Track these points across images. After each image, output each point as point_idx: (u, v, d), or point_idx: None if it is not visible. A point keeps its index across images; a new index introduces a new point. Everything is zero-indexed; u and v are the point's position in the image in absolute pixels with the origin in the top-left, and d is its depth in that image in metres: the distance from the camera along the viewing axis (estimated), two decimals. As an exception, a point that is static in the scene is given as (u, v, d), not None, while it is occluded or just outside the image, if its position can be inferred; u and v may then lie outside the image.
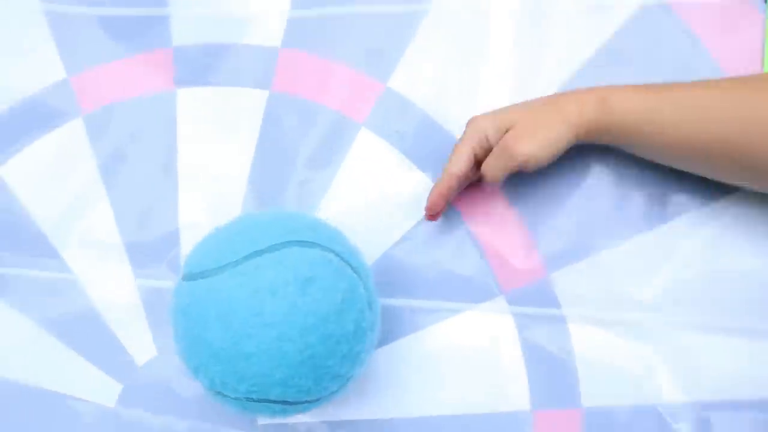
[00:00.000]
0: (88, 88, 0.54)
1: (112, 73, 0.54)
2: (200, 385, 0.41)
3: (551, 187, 0.49)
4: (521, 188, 0.49)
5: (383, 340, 0.49)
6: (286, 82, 0.52)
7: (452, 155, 0.45)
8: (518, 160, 0.43)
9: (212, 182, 0.52)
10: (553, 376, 0.47)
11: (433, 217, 0.47)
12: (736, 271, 0.46)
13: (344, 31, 0.52)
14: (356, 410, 0.49)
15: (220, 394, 0.41)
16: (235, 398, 0.40)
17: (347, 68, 0.52)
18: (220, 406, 0.41)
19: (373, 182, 0.51)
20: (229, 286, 0.39)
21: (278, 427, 0.50)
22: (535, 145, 0.43)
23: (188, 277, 0.42)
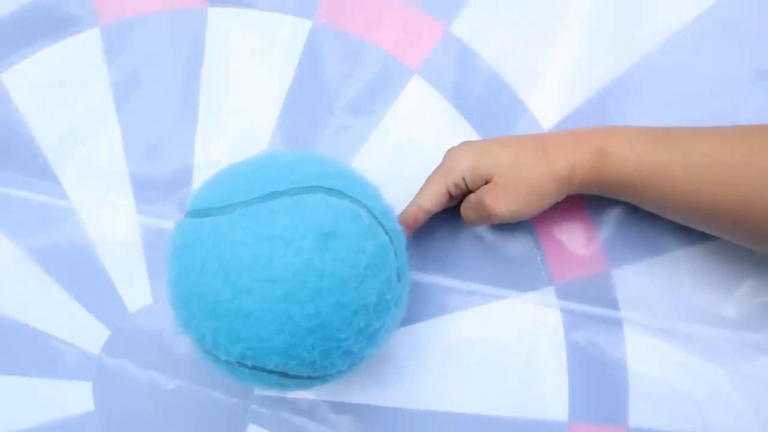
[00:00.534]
0: (111, -6, 0.48)
1: (139, -19, 0.48)
2: (189, 341, 0.35)
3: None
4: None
5: (406, 319, 0.42)
6: (333, 12, 0.45)
7: (424, 187, 0.40)
8: (496, 219, 0.39)
9: (236, 118, 0.46)
10: (599, 385, 0.41)
11: None
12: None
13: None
14: (364, 394, 0.43)
15: (210, 354, 0.35)
16: (226, 361, 0.34)
17: (405, 5, 0.45)
18: (210, 368, 0.36)
19: (419, 138, 0.44)
20: (235, 228, 0.33)
21: (275, 399, 0.44)
22: (516, 204, 0.38)
23: (192, 213, 0.36)
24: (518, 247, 0.42)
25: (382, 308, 0.35)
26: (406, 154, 0.44)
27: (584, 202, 0.42)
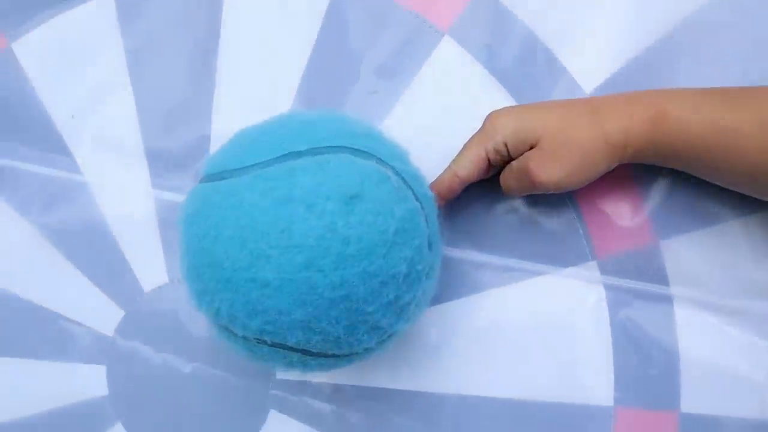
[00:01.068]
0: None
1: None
2: (204, 317, 0.33)
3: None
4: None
5: (437, 297, 0.39)
6: (358, -29, 0.43)
7: (461, 154, 0.37)
8: (541, 188, 0.36)
9: (256, 85, 0.43)
10: (647, 368, 0.37)
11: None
12: None
13: None
14: (392, 377, 0.40)
15: (226, 330, 0.33)
16: (243, 337, 0.32)
17: (433, -39, 0.42)
18: (227, 348, 0.33)
19: (450, 103, 0.41)
20: (251, 191, 0.30)
21: (298, 384, 0.41)
22: (562, 172, 0.35)
23: (206, 178, 0.33)
24: (558, 218, 0.39)
25: (412, 279, 0.32)
26: (436, 120, 0.41)
27: (631, 169, 0.38)
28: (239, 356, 0.34)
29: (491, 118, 0.36)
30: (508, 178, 0.37)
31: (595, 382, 0.38)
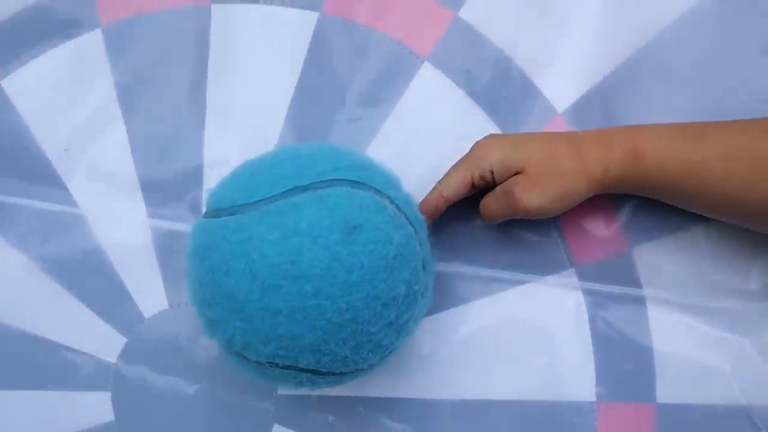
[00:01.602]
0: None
1: (139, -20, 0.47)
2: (216, 344, 0.35)
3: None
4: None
5: (428, 309, 0.42)
6: (339, 3, 0.45)
7: (448, 176, 0.40)
8: (522, 213, 0.38)
9: (245, 114, 0.45)
10: (625, 364, 0.41)
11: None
12: None
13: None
14: (391, 387, 0.43)
15: (239, 356, 0.35)
16: (256, 362, 0.34)
17: (411, -8, 0.45)
18: (236, 370, 0.35)
19: (432, 126, 0.44)
20: (260, 226, 0.32)
21: (301, 398, 0.43)
22: (545, 199, 0.38)
23: (212, 213, 0.35)
24: (538, 230, 0.42)
25: (410, 299, 0.34)
26: (419, 142, 0.44)
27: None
28: (246, 376, 0.36)
29: (479, 146, 0.39)
30: (491, 203, 0.39)
31: (578, 380, 0.41)
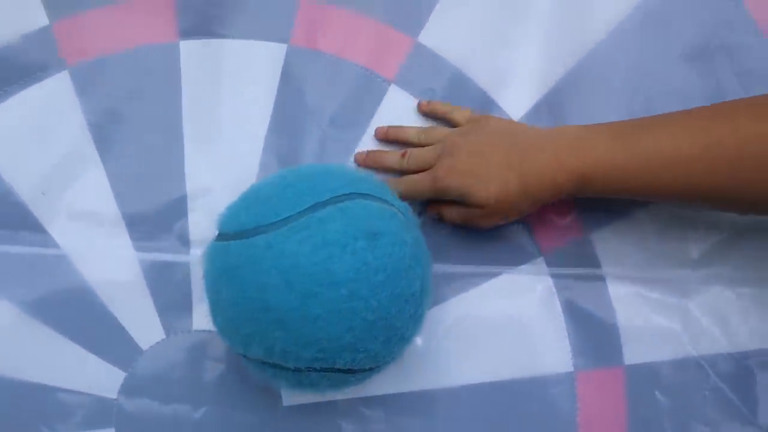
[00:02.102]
0: (74, 37, 0.48)
1: (102, 20, 0.48)
2: (251, 357, 0.37)
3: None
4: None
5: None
6: (306, 35, 0.48)
7: (410, 185, 0.45)
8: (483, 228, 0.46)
9: (223, 144, 0.47)
10: (594, 335, 0.46)
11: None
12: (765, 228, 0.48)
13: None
14: (391, 384, 0.46)
15: (276, 366, 0.37)
16: (294, 370, 0.36)
17: (373, 22, 0.49)
18: (237, 388, 0.37)
19: (404, 143, 0.48)
20: (291, 241, 0.35)
21: (306, 407, 0.46)
22: (503, 221, 0.45)
23: (231, 236, 0.37)
24: (508, 227, 0.47)
25: (425, 293, 0.38)
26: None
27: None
28: (279, 387, 0.37)
29: (441, 179, 0.43)
30: (454, 216, 0.45)
31: (556, 353, 0.46)
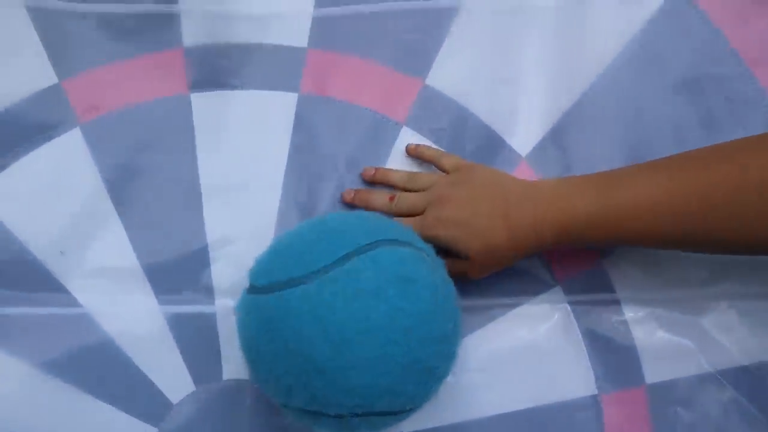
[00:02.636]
0: (84, 94, 0.48)
1: (112, 76, 0.48)
2: (293, 407, 0.37)
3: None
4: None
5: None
6: (315, 82, 0.49)
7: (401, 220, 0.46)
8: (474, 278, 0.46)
9: (241, 192, 0.48)
10: (615, 358, 0.47)
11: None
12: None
13: (375, 29, 0.51)
14: (425, 420, 0.46)
15: (317, 414, 0.37)
16: (335, 416, 0.37)
17: (381, 67, 0.50)
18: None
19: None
20: (324, 293, 0.36)
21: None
22: (491, 272, 0.46)
23: (264, 288, 0.38)
24: (525, 260, 0.48)
25: (456, 332, 0.39)
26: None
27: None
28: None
29: (429, 228, 0.44)
30: (449, 268, 0.44)
31: (580, 378, 0.47)
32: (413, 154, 0.49)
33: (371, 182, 0.49)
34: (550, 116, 0.50)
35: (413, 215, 0.46)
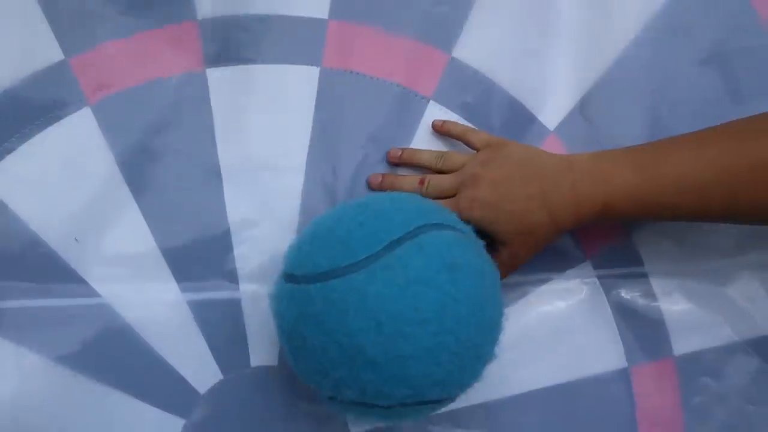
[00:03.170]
0: (93, 71, 0.45)
1: (122, 52, 0.45)
2: (343, 400, 0.36)
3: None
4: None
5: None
6: (338, 56, 0.47)
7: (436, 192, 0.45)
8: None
9: (263, 172, 0.46)
10: (643, 331, 0.48)
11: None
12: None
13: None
14: (457, 400, 0.46)
15: (366, 405, 0.36)
16: (386, 407, 0.36)
17: (406, 39, 0.48)
18: (304, 421, 0.38)
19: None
20: (373, 283, 0.34)
21: (372, 431, 0.45)
22: (528, 257, 0.44)
23: (311, 278, 0.36)
24: (554, 236, 0.48)
25: (502, 314, 0.39)
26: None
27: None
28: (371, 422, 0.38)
29: (464, 211, 0.43)
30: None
31: (610, 351, 0.47)
32: (440, 130, 0.47)
33: (397, 164, 0.47)
34: (578, 89, 0.49)
35: (444, 198, 0.45)
